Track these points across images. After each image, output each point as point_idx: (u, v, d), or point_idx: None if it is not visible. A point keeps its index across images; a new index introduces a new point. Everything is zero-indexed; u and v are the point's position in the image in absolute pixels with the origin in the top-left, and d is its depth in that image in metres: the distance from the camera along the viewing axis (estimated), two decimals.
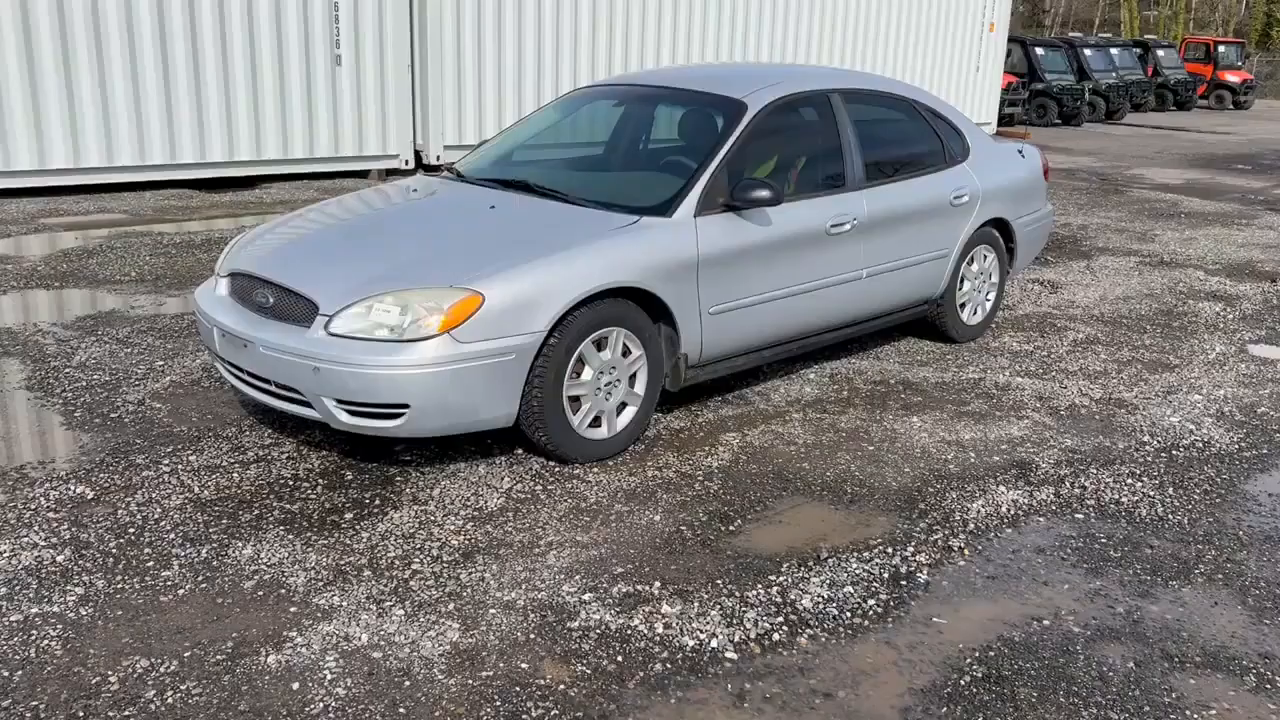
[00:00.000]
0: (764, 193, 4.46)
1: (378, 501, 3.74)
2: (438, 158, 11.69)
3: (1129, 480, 4.17)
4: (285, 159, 10.63)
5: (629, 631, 3.00)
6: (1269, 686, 2.87)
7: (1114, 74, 25.06)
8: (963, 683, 2.83)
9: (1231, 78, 32.47)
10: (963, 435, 4.57)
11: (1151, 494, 4.06)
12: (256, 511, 3.63)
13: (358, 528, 3.55)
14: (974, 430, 4.63)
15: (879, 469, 4.20)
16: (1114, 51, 26.09)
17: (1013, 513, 3.85)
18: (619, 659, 2.87)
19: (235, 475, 3.90)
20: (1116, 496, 4.02)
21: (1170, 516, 3.88)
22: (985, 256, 5.97)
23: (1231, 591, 3.37)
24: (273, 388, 3.96)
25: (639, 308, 4.20)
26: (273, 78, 10.32)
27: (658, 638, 2.97)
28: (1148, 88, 27.41)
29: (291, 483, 3.87)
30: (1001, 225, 6.00)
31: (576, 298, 3.92)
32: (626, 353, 4.21)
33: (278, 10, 10.21)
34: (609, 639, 2.96)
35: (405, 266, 3.97)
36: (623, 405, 4.25)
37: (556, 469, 4.07)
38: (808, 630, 3.05)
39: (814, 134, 5.14)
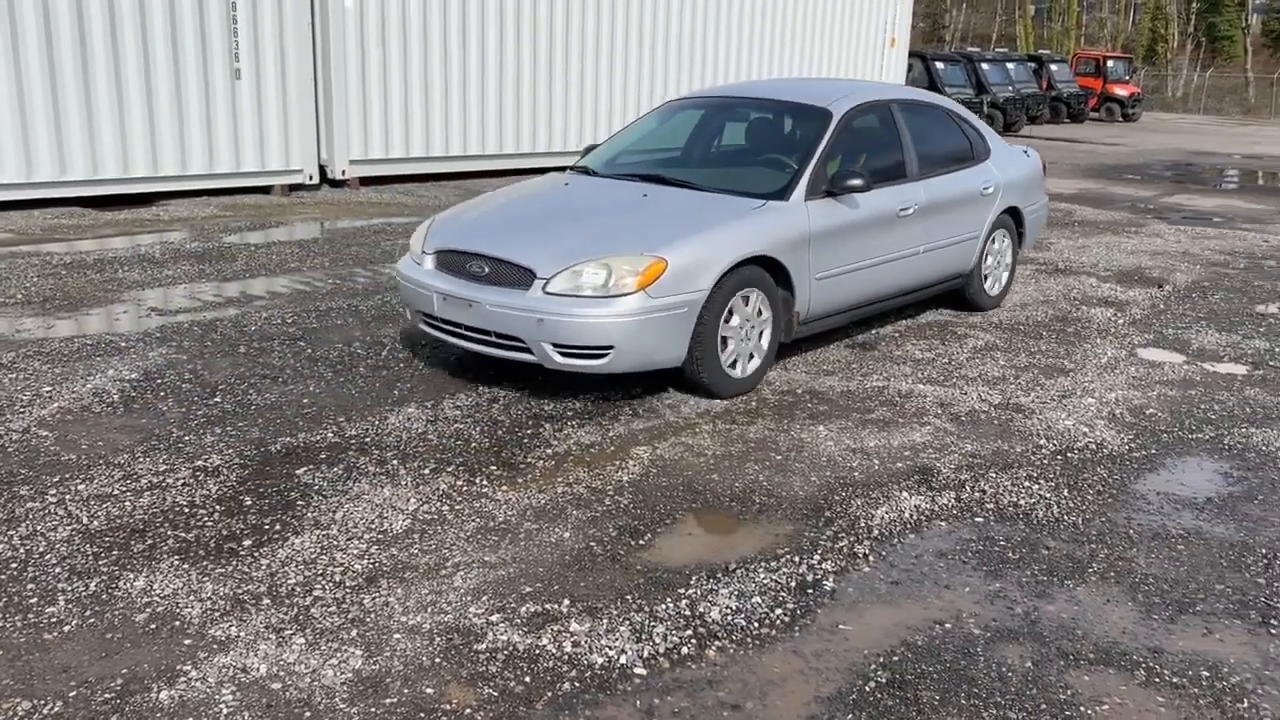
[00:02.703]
0: (857, 181, 5.50)
1: (278, 527, 3.64)
2: (343, 172, 11.50)
3: (1026, 483, 4.29)
4: (184, 175, 10.33)
5: (537, 651, 2.97)
6: (1158, 680, 2.97)
7: (1010, 87, 25.91)
8: (868, 689, 2.87)
9: (1120, 91, 33.84)
10: (867, 443, 4.65)
11: (1047, 496, 4.18)
12: (150, 541, 3.50)
13: (257, 555, 3.45)
14: (878, 437, 4.71)
15: (786, 478, 4.24)
16: (1010, 66, 26.97)
17: (915, 518, 3.93)
18: (527, 680, 2.84)
19: (127, 504, 3.76)
20: (1015, 499, 4.13)
21: (1065, 517, 4.00)
22: (1002, 238, 7.11)
23: (1123, 589, 3.48)
24: (492, 338, 4.87)
25: (767, 273, 5.15)
26: (169, 91, 10.03)
27: (566, 656, 2.95)
28: (1043, 101, 28.38)
29: (187, 510, 3.74)
30: (1014, 213, 7.17)
31: (730, 263, 4.92)
32: (759, 312, 5.19)
33: (173, 21, 9.93)
34: (517, 660, 2.92)
35: (600, 239, 4.93)
36: (750, 355, 5.23)
37: (464, 489, 4.02)
38: (716, 642, 3.06)
39: (882, 135, 6.21)
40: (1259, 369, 6.05)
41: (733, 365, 5.11)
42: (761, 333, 5.23)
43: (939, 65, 23.93)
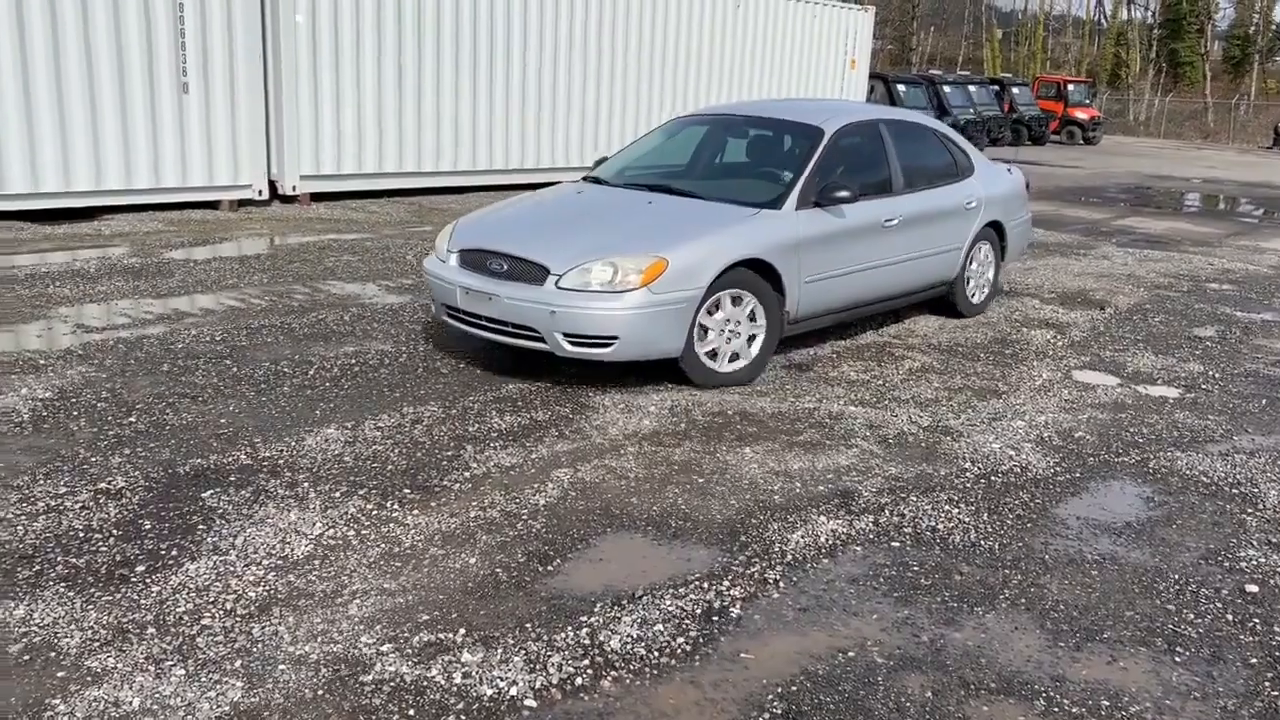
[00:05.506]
0: (844, 193, 5.99)
1: (174, 552, 3.54)
2: (293, 188, 11.38)
3: (946, 507, 4.26)
4: (128, 189, 10.16)
5: (425, 683, 2.88)
6: (1057, 710, 2.93)
7: (972, 110, 26.19)
8: None
9: (1081, 115, 34.29)
10: (791, 465, 4.60)
11: (966, 520, 4.15)
12: (37, 567, 3.39)
13: (148, 581, 3.35)
14: (803, 460, 4.67)
15: (705, 501, 4.19)
16: (972, 88, 27.29)
17: (831, 543, 3.88)
18: (410, 713, 2.75)
19: (19, 528, 3.64)
20: (933, 523, 4.10)
21: (982, 542, 3.97)
22: (985, 250, 7.60)
23: (1032, 616, 3.45)
24: (509, 328, 5.34)
25: (759, 276, 5.61)
26: (113, 104, 9.87)
27: (455, 688, 2.87)
28: (1004, 123, 28.71)
29: (82, 534, 3.63)
30: (997, 226, 7.65)
31: (725, 264, 5.39)
32: (751, 311, 5.62)
33: (118, 35, 9.79)
34: (403, 692, 2.84)
35: (608, 240, 5.41)
36: (752, 338, 5.70)
37: (374, 513, 3.93)
38: (612, 672, 2.99)
39: (869, 152, 6.65)
40: (1191, 392, 6.08)
41: (727, 359, 5.59)
42: (755, 330, 5.68)
43: (900, 87, 24.14)
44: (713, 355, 5.53)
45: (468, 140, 12.97)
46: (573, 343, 5.20)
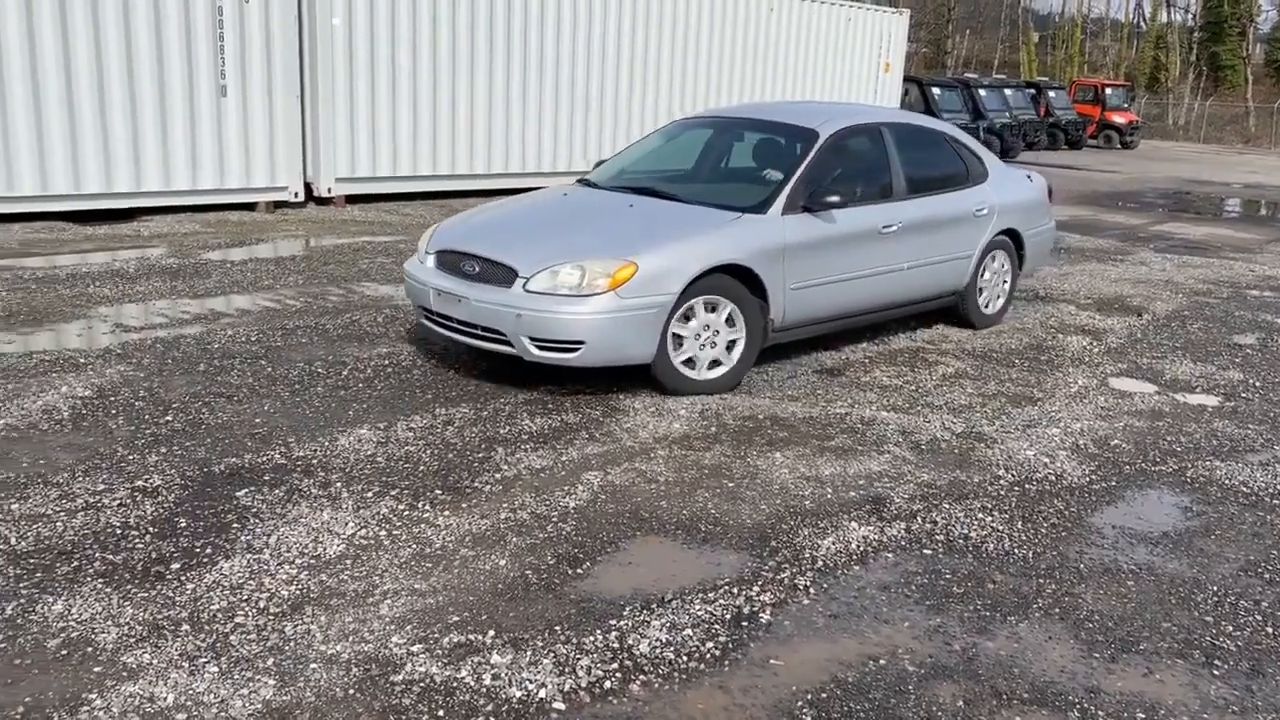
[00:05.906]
0: (834, 198, 5.80)
1: (209, 550, 3.58)
2: (329, 190, 11.48)
3: (980, 514, 4.22)
4: (167, 190, 10.31)
5: (454, 684, 2.89)
6: None
7: (1008, 114, 25.89)
8: None
9: (1118, 119, 33.86)
10: (822, 471, 4.57)
11: (1000, 528, 4.11)
12: (76, 563, 3.44)
13: (183, 579, 3.39)
14: (834, 465, 4.64)
15: (735, 506, 4.17)
16: (1008, 92, 26.99)
17: (862, 549, 3.85)
18: (440, 713, 2.77)
19: (59, 524, 3.70)
20: (966, 531, 4.06)
21: (1016, 551, 3.92)
22: (1000, 259, 7.29)
23: (1066, 625, 3.41)
24: (478, 331, 5.28)
25: (740, 282, 5.45)
26: (153, 107, 10.02)
27: (484, 690, 2.88)
28: (1040, 127, 28.37)
29: (120, 531, 3.68)
30: (1014, 235, 7.34)
31: (700, 270, 5.25)
32: (730, 318, 5.46)
33: (158, 37, 9.94)
34: (432, 692, 2.85)
35: (580, 244, 5.33)
36: (731, 344, 5.55)
37: (405, 513, 3.95)
38: (641, 676, 2.99)
39: (869, 156, 6.47)
40: (1230, 400, 5.98)
41: (703, 366, 5.45)
42: (734, 338, 5.51)
43: (935, 91, 23.94)
44: (689, 363, 5.39)
45: (500, 143, 13.03)
46: (539, 346, 5.11)
